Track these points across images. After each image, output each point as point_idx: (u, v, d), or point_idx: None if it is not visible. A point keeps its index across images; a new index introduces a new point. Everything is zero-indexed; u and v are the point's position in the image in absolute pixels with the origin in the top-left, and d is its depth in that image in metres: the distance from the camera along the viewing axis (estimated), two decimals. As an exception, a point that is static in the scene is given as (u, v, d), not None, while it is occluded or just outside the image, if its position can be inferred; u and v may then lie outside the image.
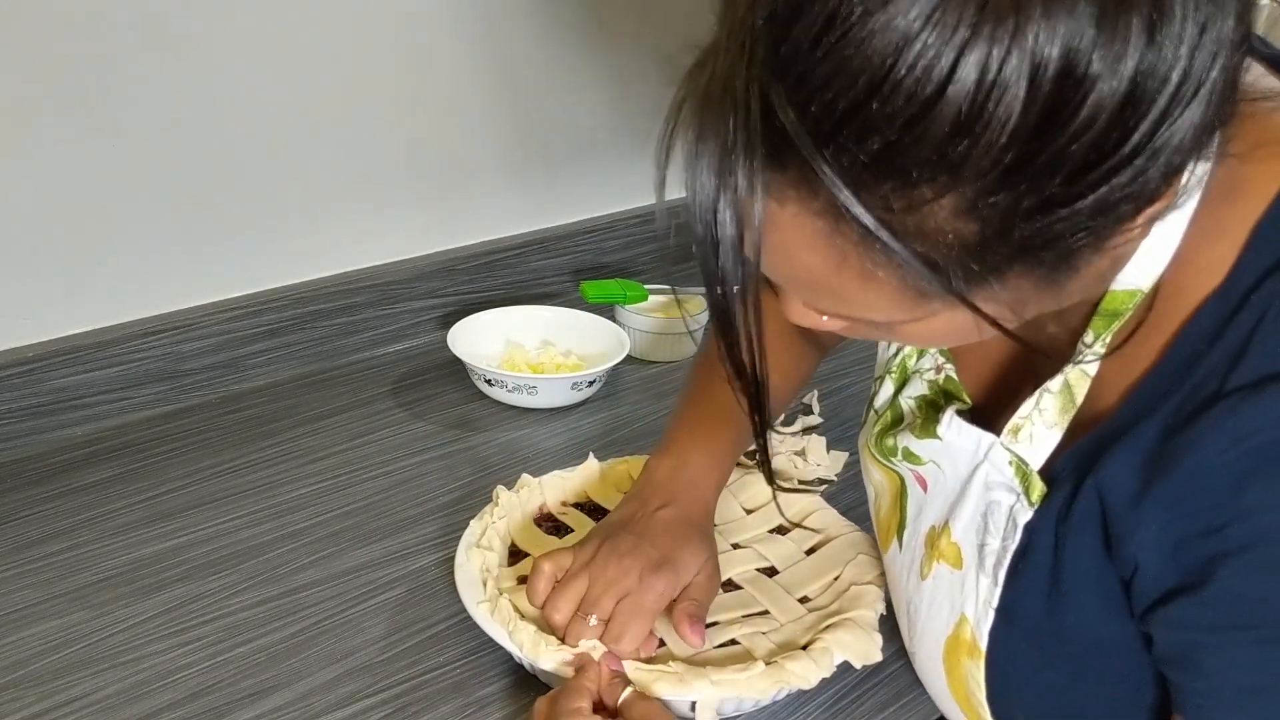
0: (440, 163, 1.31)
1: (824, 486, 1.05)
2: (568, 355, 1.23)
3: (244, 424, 1.12)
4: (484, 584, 0.81)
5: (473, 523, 0.88)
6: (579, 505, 0.93)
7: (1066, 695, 0.64)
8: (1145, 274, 0.56)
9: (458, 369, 1.20)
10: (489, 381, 1.15)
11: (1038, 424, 0.61)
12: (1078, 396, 0.60)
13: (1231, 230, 0.54)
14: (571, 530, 0.90)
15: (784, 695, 0.78)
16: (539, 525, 0.91)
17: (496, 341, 1.23)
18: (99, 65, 1.01)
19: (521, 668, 0.80)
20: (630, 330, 1.26)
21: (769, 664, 0.75)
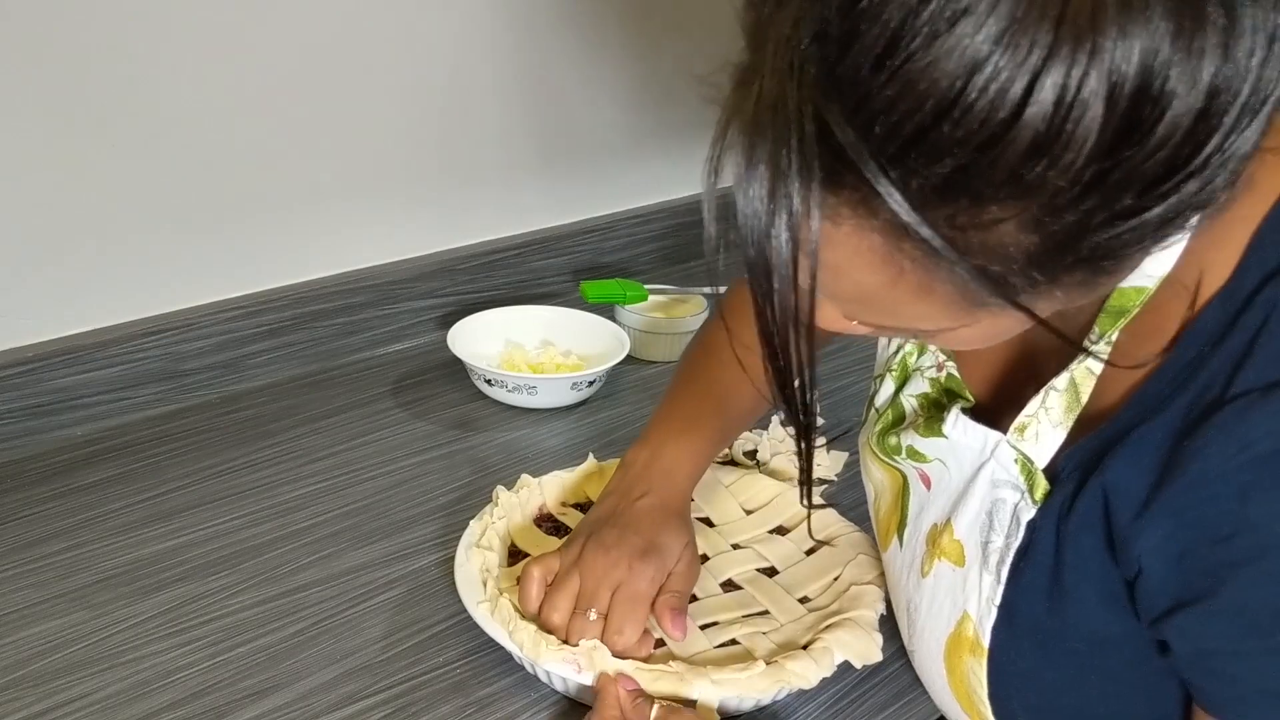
0: (440, 163, 1.31)
1: (824, 486, 1.06)
2: (568, 355, 1.23)
3: (244, 424, 1.12)
4: (484, 584, 0.81)
5: (472, 523, 0.88)
6: (579, 505, 0.93)
7: (1067, 693, 0.64)
8: (1153, 272, 0.56)
9: (458, 369, 1.20)
10: (489, 381, 1.15)
11: (1044, 422, 0.61)
12: (1083, 395, 0.60)
13: (1236, 230, 0.54)
14: (571, 530, 0.90)
15: (784, 695, 0.78)
16: (539, 525, 0.91)
17: (496, 341, 1.23)
18: (97, 65, 1.01)
19: (521, 668, 0.80)
20: (630, 330, 1.26)
21: (769, 664, 0.75)
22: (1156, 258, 0.55)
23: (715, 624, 0.81)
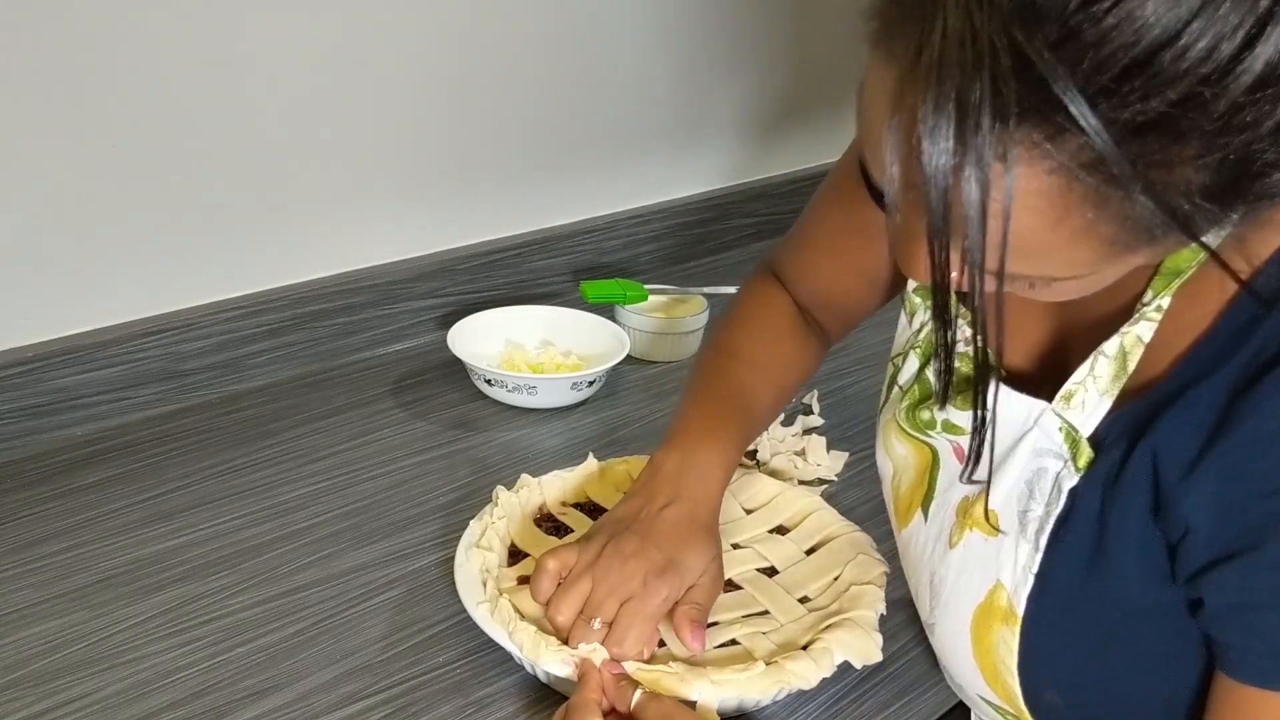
0: (440, 163, 1.31)
1: (824, 486, 1.06)
2: (568, 355, 1.23)
3: (244, 424, 1.12)
4: (484, 584, 0.81)
5: (472, 523, 0.88)
6: (579, 505, 0.93)
7: (1095, 664, 0.64)
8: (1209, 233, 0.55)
9: (458, 369, 1.20)
10: (489, 381, 1.16)
11: (1090, 390, 0.61)
12: (1130, 364, 0.60)
13: None
14: (571, 530, 0.90)
15: (784, 695, 0.78)
16: (539, 525, 0.91)
17: (496, 341, 1.23)
18: (97, 66, 1.01)
19: (521, 668, 0.80)
20: (630, 330, 1.26)
21: (769, 664, 0.75)
22: None
23: (715, 624, 0.81)
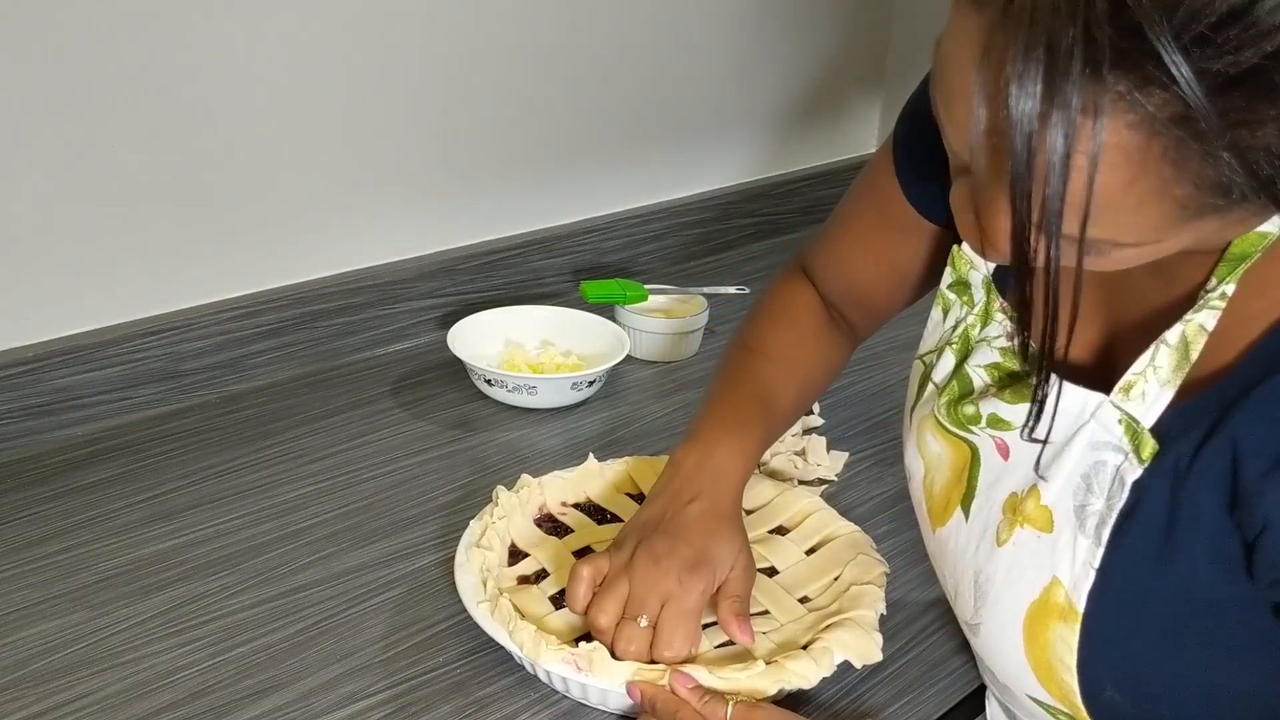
0: (440, 163, 1.31)
1: (824, 486, 1.06)
2: (568, 355, 1.23)
3: (244, 424, 1.12)
4: (484, 584, 0.81)
5: (473, 523, 0.88)
6: (579, 505, 0.93)
7: (1162, 659, 0.62)
8: (1274, 216, 0.54)
9: (458, 369, 1.20)
10: (489, 381, 1.16)
11: (1151, 381, 0.60)
12: (1193, 353, 0.58)
13: None
14: (571, 530, 0.90)
15: (784, 695, 0.78)
16: (539, 525, 0.91)
17: (496, 341, 1.23)
18: (98, 65, 1.01)
19: (521, 668, 0.80)
20: (630, 330, 1.26)
21: (769, 663, 0.75)
22: None
23: (715, 624, 0.81)
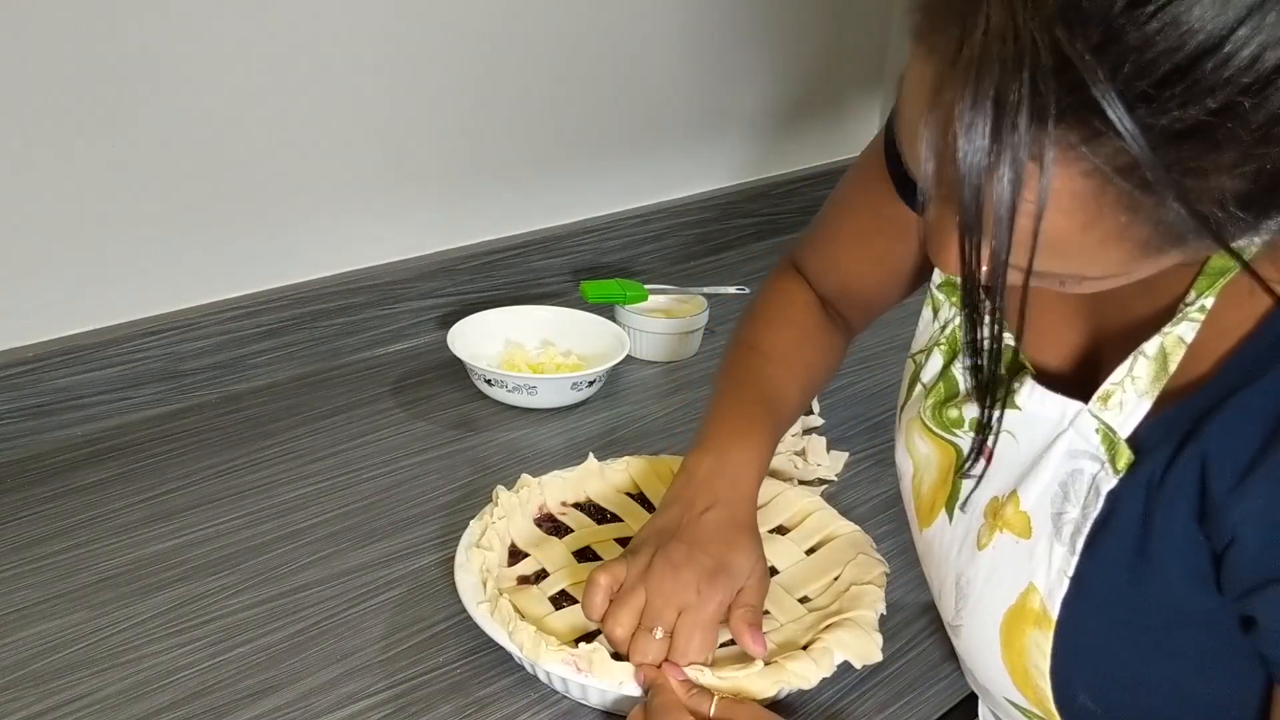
0: (440, 163, 1.31)
1: (824, 486, 1.06)
2: (568, 355, 1.23)
3: (244, 424, 1.12)
4: (484, 584, 0.81)
5: (473, 523, 0.88)
6: (579, 505, 0.93)
7: (1134, 669, 0.63)
8: None
9: (458, 369, 1.20)
10: (489, 381, 1.16)
11: (1129, 391, 0.60)
12: (1171, 365, 0.59)
13: None
14: (571, 530, 0.90)
15: (784, 695, 0.78)
16: (539, 525, 0.91)
17: (496, 341, 1.23)
18: (98, 66, 1.01)
19: (521, 668, 0.80)
20: (630, 330, 1.26)
21: (769, 663, 0.75)
22: None
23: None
